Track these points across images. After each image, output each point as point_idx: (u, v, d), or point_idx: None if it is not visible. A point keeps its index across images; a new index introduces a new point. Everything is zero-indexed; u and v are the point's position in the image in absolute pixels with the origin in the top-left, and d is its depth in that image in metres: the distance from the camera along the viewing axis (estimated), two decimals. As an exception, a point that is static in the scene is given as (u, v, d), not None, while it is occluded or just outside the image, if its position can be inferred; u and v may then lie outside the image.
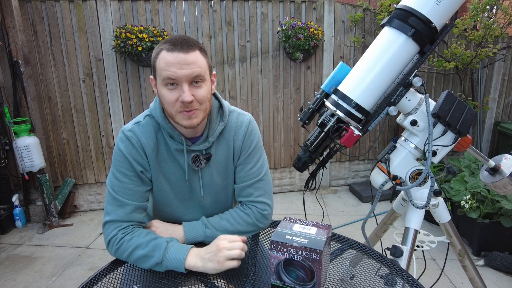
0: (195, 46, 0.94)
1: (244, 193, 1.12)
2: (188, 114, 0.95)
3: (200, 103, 0.96)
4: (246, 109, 3.34)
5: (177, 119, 0.97)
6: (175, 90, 0.94)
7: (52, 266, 2.41)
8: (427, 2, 0.96)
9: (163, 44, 0.94)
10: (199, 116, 0.97)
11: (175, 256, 0.92)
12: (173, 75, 0.91)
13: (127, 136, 1.01)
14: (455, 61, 3.09)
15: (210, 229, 1.05)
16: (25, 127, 2.80)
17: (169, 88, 0.94)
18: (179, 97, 0.93)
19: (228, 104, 1.14)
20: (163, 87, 0.95)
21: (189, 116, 0.96)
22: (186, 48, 0.92)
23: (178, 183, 1.09)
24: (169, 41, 0.93)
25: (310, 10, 3.25)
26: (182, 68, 0.91)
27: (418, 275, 1.50)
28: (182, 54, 0.91)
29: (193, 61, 0.92)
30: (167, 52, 0.92)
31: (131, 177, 1.01)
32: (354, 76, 1.05)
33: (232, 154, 1.12)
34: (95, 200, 3.32)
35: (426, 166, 1.06)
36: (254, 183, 1.11)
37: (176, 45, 0.91)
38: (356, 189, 3.52)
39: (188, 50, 0.92)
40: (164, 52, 0.92)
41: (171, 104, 0.95)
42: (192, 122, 0.96)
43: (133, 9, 2.97)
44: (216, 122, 1.09)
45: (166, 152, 1.06)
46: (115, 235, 0.98)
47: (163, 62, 0.92)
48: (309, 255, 0.78)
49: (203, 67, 0.95)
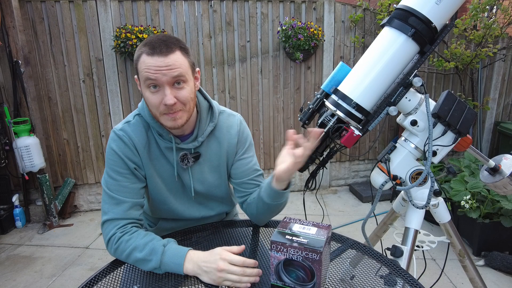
0: (175, 46, 0.94)
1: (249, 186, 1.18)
2: (172, 115, 0.96)
3: (184, 104, 0.97)
4: (246, 109, 3.34)
5: (161, 120, 0.98)
6: (158, 93, 0.94)
7: (52, 266, 2.41)
8: (427, 2, 0.96)
9: (143, 46, 0.94)
10: (183, 117, 0.98)
11: (172, 260, 0.92)
12: (153, 77, 0.92)
13: (119, 135, 1.03)
14: (455, 61, 3.08)
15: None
16: (25, 127, 2.80)
17: (152, 91, 0.95)
18: (162, 99, 0.94)
19: (218, 104, 1.16)
20: (146, 90, 0.96)
21: (173, 118, 0.97)
22: (166, 51, 0.92)
23: (171, 179, 1.11)
24: (149, 44, 0.93)
25: (310, 10, 3.25)
26: (162, 71, 0.91)
27: (418, 275, 1.50)
28: (161, 58, 0.91)
29: (173, 63, 0.92)
30: (147, 55, 0.92)
31: (125, 174, 1.02)
32: (354, 76, 1.05)
33: (225, 153, 1.15)
34: (95, 200, 3.32)
35: (426, 166, 1.05)
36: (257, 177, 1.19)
37: (155, 48, 0.91)
38: (356, 189, 3.52)
39: (167, 53, 0.92)
40: (144, 56, 0.93)
41: (155, 107, 0.96)
42: (176, 123, 0.98)
43: (133, 9, 2.98)
44: (206, 123, 1.11)
45: (157, 149, 1.08)
46: (113, 234, 0.98)
47: (144, 65, 0.92)
48: (309, 255, 0.78)
49: (184, 68, 0.95)
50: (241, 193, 1.20)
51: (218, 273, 0.87)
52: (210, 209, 1.23)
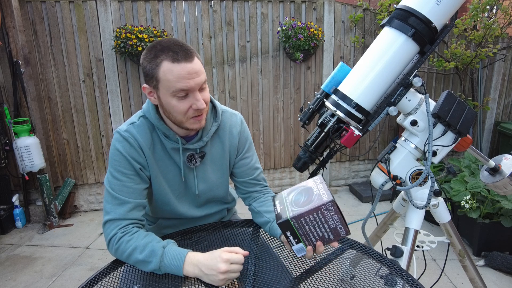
0: (193, 52, 0.95)
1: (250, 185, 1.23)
2: (199, 118, 1.00)
3: (207, 105, 1.02)
4: (246, 109, 3.34)
5: (187, 124, 1.00)
6: (186, 99, 0.96)
7: (52, 266, 2.41)
8: (427, 2, 0.96)
9: (161, 52, 0.91)
10: (204, 117, 1.03)
11: (172, 262, 0.92)
12: (186, 87, 0.92)
13: (124, 136, 1.03)
14: (455, 61, 3.08)
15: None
16: (25, 128, 2.80)
17: (180, 99, 0.95)
18: (191, 105, 0.96)
19: (220, 104, 1.18)
20: (171, 98, 0.95)
21: (199, 120, 1.01)
22: (190, 57, 0.92)
23: (175, 180, 1.12)
24: (170, 50, 0.91)
25: (310, 10, 3.25)
26: (193, 78, 0.92)
27: (418, 275, 1.50)
28: (189, 64, 0.91)
29: (199, 69, 0.95)
30: (172, 63, 0.90)
31: (130, 175, 1.02)
32: (354, 76, 1.05)
33: (228, 152, 1.17)
34: (95, 201, 3.32)
35: (426, 166, 1.06)
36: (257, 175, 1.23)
37: (179, 54, 0.91)
38: (356, 189, 3.52)
39: (191, 59, 0.93)
40: (168, 64, 0.90)
41: (182, 113, 0.97)
42: (201, 124, 1.03)
43: (133, 10, 2.98)
44: (210, 123, 1.12)
45: (162, 150, 1.08)
46: (115, 234, 0.98)
47: (172, 75, 0.91)
48: (323, 196, 0.84)
49: (204, 71, 0.98)
50: (242, 191, 1.25)
51: (220, 275, 0.87)
52: (211, 208, 1.24)
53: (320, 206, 0.81)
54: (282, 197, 0.92)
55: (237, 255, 0.90)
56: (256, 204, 1.21)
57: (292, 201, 0.87)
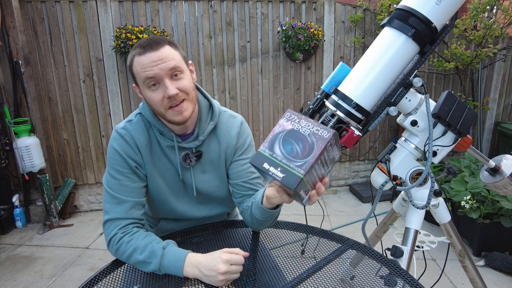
0: (163, 42, 0.96)
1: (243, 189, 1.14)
2: (178, 108, 0.97)
3: (186, 93, 0.98)
4: (246, 109, 3.34)
5: (168, 116, 0.99)
6: (159, 89, 0.96)
7: (52, 266, 2.41)
8: (427, 3, 0.96)
9: (133, 50, 0.96)
10: (188, 108, 0.99)
11: (172, 264, 0.91)
12: (151, 74, 0.93)
13: (121, 134, 1.03)
14: (455, 61, 3.08)
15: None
16: (25, 128, 2.80)
17: (152, 89, 0.96)
18: (164, 94, 0.95)
19: (219, 104, 1.17)
20: (146, 90, 0.97)
21: (179, 111, 0.97)
22: (155, 46, 0.94)
23: (173, 179, 1.11)
24: (138, 46, 0.96)
25: (310, 11, 3.25)
26: (158, 65, 0.93)
27: (419, 275, 1.50)
28: (153, 53, 0.93)
29: (166, 55, 0.94)
30: (139, 56, 0.94)
31: (126, 174, 1.02)
32: (354, 76, 1.05)
33: (224, 153, 1.14)
34: (95, 201, 3.32)
35: (426, 166, 1.06)
36: (251, 179, 1.14)
37: (145, 46, 0.94)
38: (356, 189, 3.52)
39: (157, 47, 0.94)
40: (136, 58, 0.95)
41: (158, 104, 0.97)
42: (183, 116, 0.98)
43: (133, 10, 2.98)
44: (206, 121, 1.11)
45: (158, 148, 1.08)
46: (115, 235, 0.98)
47: (139, 66, 0.94)
48: (319, 131, 0.74)
49: (177, 59, 0.97)
50: (236, 195, 1.17)
51: (220, 276, 0.86)
52: (211, 209, 1.22)
53: (326, 146, 0.72)
54: (265, 156, 0.75)
55: (237, 256, 0.90)
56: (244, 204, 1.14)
57: (285, 154, 0.74)
